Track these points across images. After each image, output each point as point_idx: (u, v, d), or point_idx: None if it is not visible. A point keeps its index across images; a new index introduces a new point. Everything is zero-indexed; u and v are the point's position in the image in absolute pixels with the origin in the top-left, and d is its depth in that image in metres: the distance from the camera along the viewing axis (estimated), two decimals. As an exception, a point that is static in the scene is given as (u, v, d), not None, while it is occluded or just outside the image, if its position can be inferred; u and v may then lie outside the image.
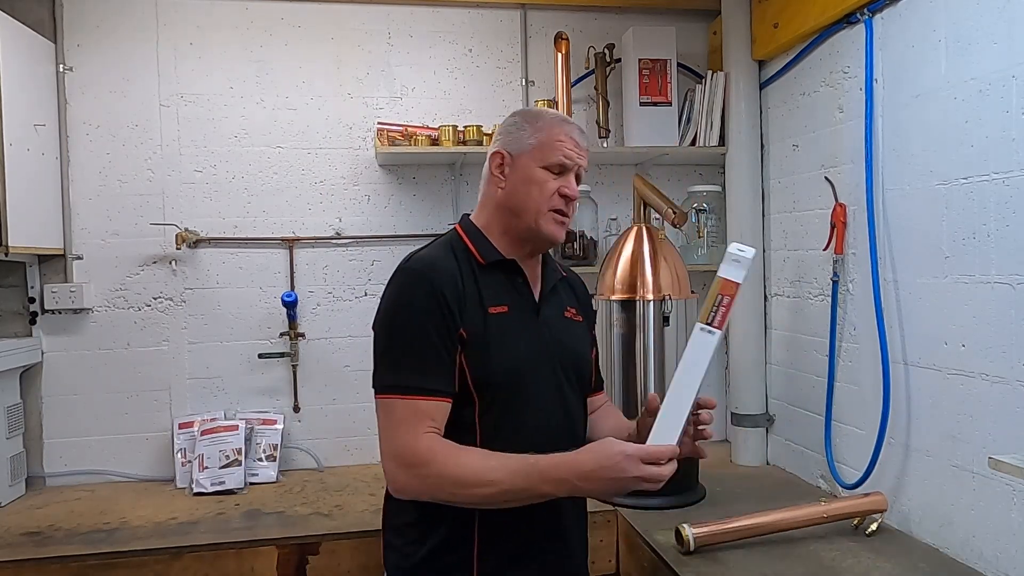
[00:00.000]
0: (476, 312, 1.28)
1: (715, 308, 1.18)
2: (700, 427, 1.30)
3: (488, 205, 1.41)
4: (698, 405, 1.29)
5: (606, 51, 2.68)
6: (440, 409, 1.23)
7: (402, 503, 1.29)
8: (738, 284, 1.18)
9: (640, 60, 2.61)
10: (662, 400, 1.22)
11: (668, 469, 1.14)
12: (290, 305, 2.55)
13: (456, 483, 1.18)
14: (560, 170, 1.35)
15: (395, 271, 1.31)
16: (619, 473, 1.14)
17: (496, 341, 1.28)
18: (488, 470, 1.18)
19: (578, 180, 1.39)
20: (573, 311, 1.47)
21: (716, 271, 1.25)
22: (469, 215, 1.44)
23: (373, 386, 1.27)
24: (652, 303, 2.18)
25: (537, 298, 1.40)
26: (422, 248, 1.38)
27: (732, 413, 2.65)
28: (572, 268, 1.60)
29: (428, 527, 1.29)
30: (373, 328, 1.29)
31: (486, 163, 1.41)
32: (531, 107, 1.38)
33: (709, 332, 1.18)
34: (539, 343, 1.30)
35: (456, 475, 1.18)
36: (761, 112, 2.61)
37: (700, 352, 1.19)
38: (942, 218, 1.79)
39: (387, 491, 1.31)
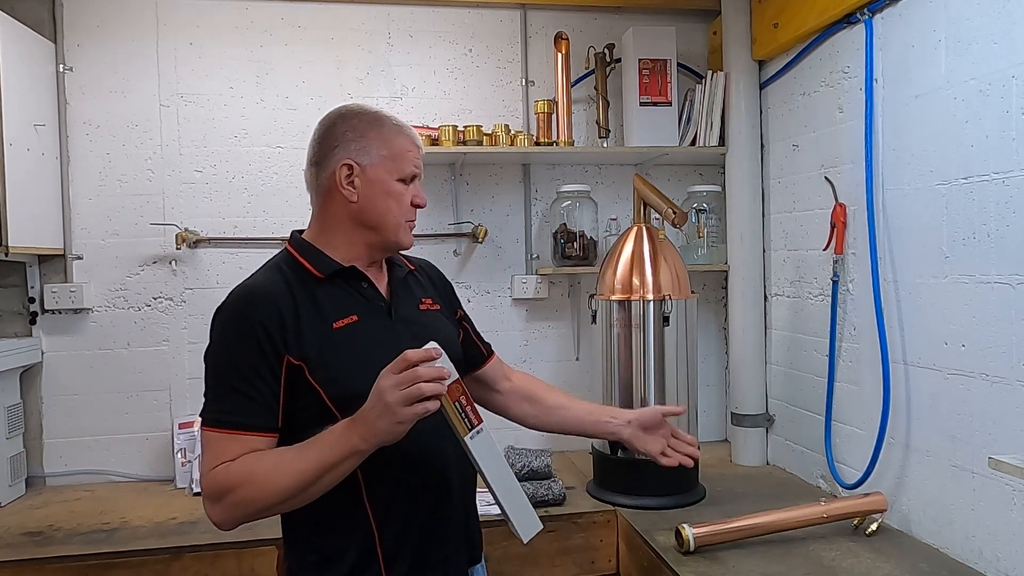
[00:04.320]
0: (316, 331, 1.24)
1: (463, 415, 1.17)
2: (676, 437, 1.57)
3: (328, 218, 1.35)
4: (664, 415, 1.56)
5: (606, 51, 2.68)
6: (244, 443, 1.19)
7: (301, 538, 1.29)
8: (457, 379, 1.15)
9: (640, 60, 2.61)
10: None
11: (426, 371, 1.10)
12: (290, 305, 2.55)
13: (261, 493, 1.16)
14: (411, 179, 1.36)
15: (216, 309, 1.28)
16: (378, 393, 1.10)
17: (348, 353, 1.25)
18: (281, 462, 1.16)
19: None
20: (429, 301, 1.45)
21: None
22: (300, 232, 1.40)
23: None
24: (652, 303, 2.18)
25: (387, 299, 1.37)
26: (249, 277, 1.34)
27: (732, 413, 2.65)
28: (421, 258, 1.58)
29: (330, 561, 1.26)
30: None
31: (322, 174, 1.33)
32: (355, 108, 1.33)
33: (478, 432, 1.18)
34: (397, 344, 1.18)
35: (257, 487, 1.16)
36: (761, 112, 2.61)
37: (487, 450, 1.20)
38: (942, 218, 1.79)
39: (281, 520, 1.31)
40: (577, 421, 1.60)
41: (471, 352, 1.58)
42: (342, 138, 1.33)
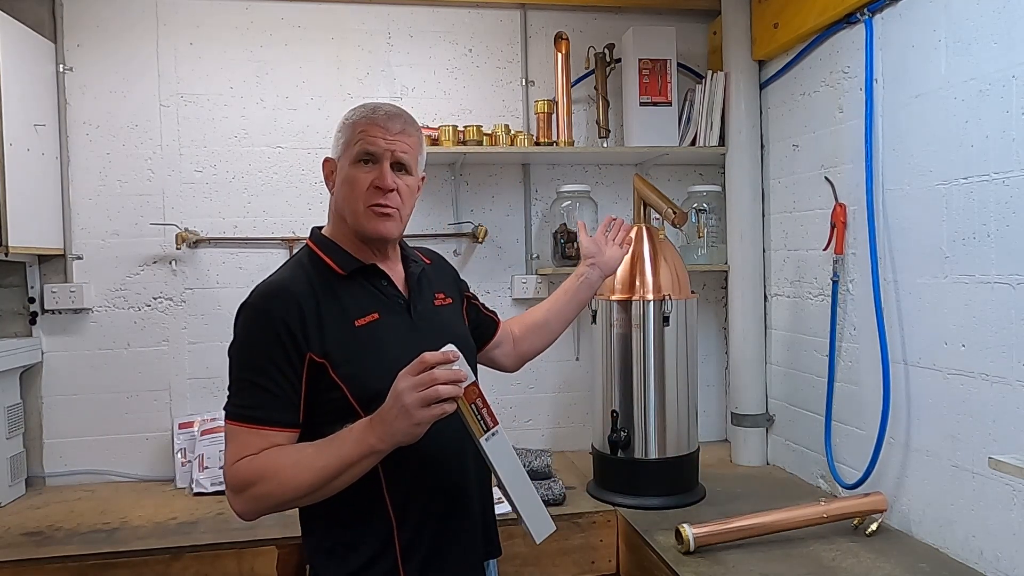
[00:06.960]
0: (339, 329, 1.26)
1: (479, 416, 1.18)
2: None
3: (331, 215, 1.40)
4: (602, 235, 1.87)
5: (606, 51, 2.68)
6: (266, 437, 1.21)
7: (319, 527, 1.31)
8: (474, 381, 1.17)
9: (640, 60, 2.61)
10: None
11: (443, 373, 1.11)
12: (290, 305, 2.55)
13: (281, 488, 1.18)
14: (370, 159, 1.31)
15: (239, 305, 1.29)
16: (396, 395, 1.11)
17: (370, 351, 1.27)
18: (302, 458, 1.18)
19: (405, 168, 1.33)
20: (442, 296, 1.47)
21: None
22: (320, 228, 1.42)
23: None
24: (652, 303, 2.18)
25: (406, 296, 1.38)
26: (273, 274, 1.35)
27: (732, 413, 2.65)
28: (428, 248, 1.61)
29: (349, 549, 1.28)
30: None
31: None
32: (360, 104, 1.41)
33: (493, 434, 1.20)
34: (418, 342, 1.21)
35: (278, 482, 1.18)
36: (761, 112, 2.61)
37: (502, 451, 1.21)
38: (942, 218, 1.79)
39: (299, 509, 1.32)
40: (568, 309, 1.79)
41: (485, 325, 1.64)
42: (334, 137, 1.40)
